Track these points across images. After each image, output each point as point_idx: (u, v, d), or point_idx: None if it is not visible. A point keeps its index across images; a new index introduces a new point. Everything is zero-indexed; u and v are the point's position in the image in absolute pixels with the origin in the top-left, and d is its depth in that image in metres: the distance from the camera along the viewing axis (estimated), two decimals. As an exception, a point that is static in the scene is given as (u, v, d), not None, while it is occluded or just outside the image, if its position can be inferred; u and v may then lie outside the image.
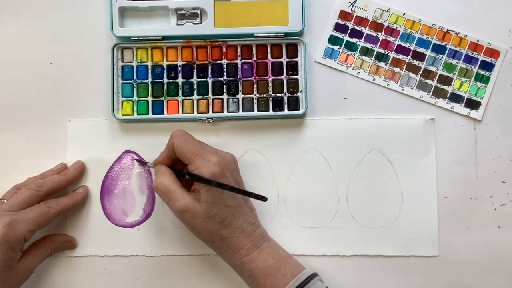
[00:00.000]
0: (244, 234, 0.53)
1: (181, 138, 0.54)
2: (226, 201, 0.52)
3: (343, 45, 0.61)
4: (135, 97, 0.60)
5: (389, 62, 0.61)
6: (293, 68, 0.60)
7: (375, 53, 0.61)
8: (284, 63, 0.60)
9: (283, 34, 0.59)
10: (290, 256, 0.55)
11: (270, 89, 0.60)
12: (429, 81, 0.60)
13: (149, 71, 0.60)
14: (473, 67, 0.60)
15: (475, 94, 0.60)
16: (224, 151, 0.56)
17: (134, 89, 0.60)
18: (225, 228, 0.52)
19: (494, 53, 0.60)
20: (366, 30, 0.61)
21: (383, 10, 0.61)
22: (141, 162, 0.60)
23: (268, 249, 0.54)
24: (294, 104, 0.59)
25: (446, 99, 0.60)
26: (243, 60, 0.60)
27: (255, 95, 0.60)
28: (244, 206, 0.54)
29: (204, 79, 0.60)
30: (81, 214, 0.59)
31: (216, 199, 0.52)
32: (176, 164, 0.56)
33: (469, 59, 0.60)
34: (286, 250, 0.56)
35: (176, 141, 0.53)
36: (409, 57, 0.61)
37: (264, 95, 0.60)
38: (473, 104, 0.60)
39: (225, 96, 0.60)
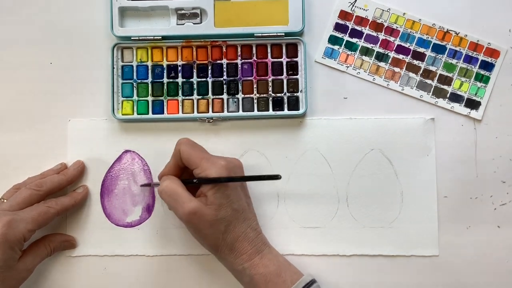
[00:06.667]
0: (247, 239, 0.53)
1: (187, 144, 0.54)
2: (233, 204, 0.52)
3: (343, 45, 0.61)
4: (135, 97, 0.60)
5: (389, 62, 0.61)
6: (293, 68, 0.60)
7: (375, 53, 0.61)
8: (284, 63, 0.60)
9: (283, 34, 0.59)
10: (290, 263, 0.55)
11: (270, 89, 0.60)
12: (429, 81, 0.60)
13: (149, 71, 0.60)
14: (473, 67, 0.60)
15: (475, 94, 0.60)
16: (230, 157, 0.56)
17: (134, 89, 0.60)
18: (229, 232, 0.52)
19: (494, 53, 0.60)
20: (366, 30, 0.61)
21: (383, 10, 0.61)
22: (147, 184, 0.59)
23: (269, 255, 0.54)
24: (294, 104, 0.59)
25: (446, 99, 0.60)
26: (243, 60, 0.60)
27: (255, 95, 0.60)
28: (248, 211, 0.54)
29: (204, 79, 0.60)
30: (81, 214, 0.59)
31: (223, 201, 0.52)
32: (183, 175, 0.56)
33: (469, 59, 0.60)
34: (284, 257, 0.56)
35: (183, 147, 0.53)
36: (409, 57, 0.61)
37: (264, 95, 0.60)
38: (473, 104, 0.60)
39: (225, 96, 0.60)
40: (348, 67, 0.61)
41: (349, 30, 0.61)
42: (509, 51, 0.60)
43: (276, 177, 0.51)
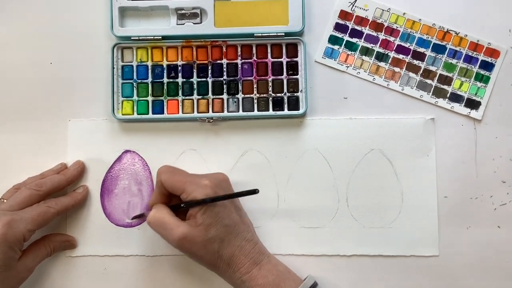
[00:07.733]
0: (243, 253, 0.53)
1: (167, 172, 0.54)
2: (223, 221, 0.52)
3: (343, 45, 0.61)
4: (135, 97, 0.60)
5: (389, 62, 0.61)
6: (293, 68, 0.60)
7: (375, 53, 0.61)
8: (284, 63, 0.60)
9: (283, 34, 0.59)
10: (289, 271, 0.55)
11: (270, 89, 0.60)
12: (429, 81, 0.60)
13: (149, 71, 0.60)
14: (473, 67, 0.60)
15: (475, 94, 0.60)
16: (214, 172, 0.56)
17: (134, 88, 0.60)
18: (224, 249, 0.52)
19: (494, 53, 0.60)
20: (366, 30, 0.61)
21: (383, 10, 0.61)
22: (139, 216, 0.59)
23: (268, 266, 0.53)
24: (294, 104, 0.59)
25: (446, 99, 0.60)
26: (243, 60, 0.60)
27: (255, 95, 0.60)
28: (240, 223, 0.54)
29: (204, 79, 0.60)
30: (81, 214, 0.59)
31: (213, 220, 0.51)
32: (172, 201, 0.55)
33: (469, 59, 0.60)
34: (285, 265, 0.55)
35: (163, 177, 0.53)
36: (409, 57, 0.61)
37: (264, 95, 0.60)
38: (473, 104, 0.60)
39: (225, 96, 0.60)
40: (348, 67, 0.61)
41: (349, 30, 0.61)
42: (509, 51, 0.60)
43: (254, 192, 0.50)
